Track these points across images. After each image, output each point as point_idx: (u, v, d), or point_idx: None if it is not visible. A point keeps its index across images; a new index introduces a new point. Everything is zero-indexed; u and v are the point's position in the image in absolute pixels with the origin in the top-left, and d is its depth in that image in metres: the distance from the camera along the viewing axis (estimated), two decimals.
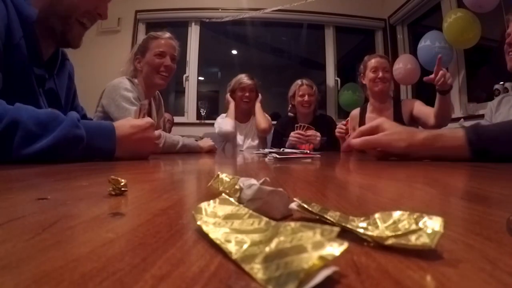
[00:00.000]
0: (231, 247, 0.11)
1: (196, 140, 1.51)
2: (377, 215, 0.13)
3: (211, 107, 3.24)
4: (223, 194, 0.17)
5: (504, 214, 0.16)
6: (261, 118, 2.05)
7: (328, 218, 0.14)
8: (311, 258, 0.09)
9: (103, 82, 1.27)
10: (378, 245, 0.12)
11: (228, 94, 2.08)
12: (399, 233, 0.12)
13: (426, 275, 0.09)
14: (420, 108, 1.58)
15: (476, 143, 0.57)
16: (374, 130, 0.69)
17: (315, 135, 1.81)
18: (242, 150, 1.85)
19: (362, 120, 1.76)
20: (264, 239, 0.11)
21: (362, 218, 0.14)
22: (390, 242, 0.12)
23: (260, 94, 2.11)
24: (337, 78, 3.38)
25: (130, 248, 0.12)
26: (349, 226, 0.13)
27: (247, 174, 0.45)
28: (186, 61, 3.28)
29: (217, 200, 0.15)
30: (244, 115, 2.08)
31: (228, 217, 0.14)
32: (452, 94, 2.71)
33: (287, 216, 0.17)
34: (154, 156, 0.81)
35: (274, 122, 2.17)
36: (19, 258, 0.10)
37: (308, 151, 1.00)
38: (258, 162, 0.74)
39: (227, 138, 2.01)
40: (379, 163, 0.68)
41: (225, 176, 0.24)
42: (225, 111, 2.13)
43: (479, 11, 2.10)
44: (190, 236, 0.13)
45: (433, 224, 0.12)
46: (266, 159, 0.81)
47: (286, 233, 0.10)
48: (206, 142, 1.42)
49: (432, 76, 1.26)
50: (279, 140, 1.99)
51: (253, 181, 0.18)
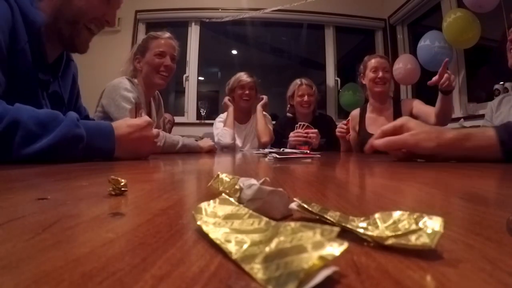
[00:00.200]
0: (231, 247, 0.11)
1: (196, 140, 1.51)
2: (377, 215, 0.13)
3: (211, 107, 3.24)
4: (223, 194, 0.17)
5: (504, 214, 0.16)
6: (262, 129, 1.92)
7: (328, 218, 0.14)
8: (311, 258, 0.09)
9: (103, 82, 1.27)
10: (378, 245, 0.12)
11: (226, 98, 1.98)
12: (399, 233, 0.12)
13: (426, 275, 0.09)
14: (420, 107, 1.59)
15: (508, 143, 0.54)
16: (397, 130, 0.65)
17: (314, 133, 1.77)
18: (242, 150, 1.85)
19: (362, 120, 1.76)
20: (264, 239, 0.11)
21: (362, 218, 0.14)
22: (390, 242, 0.12)
23: (266, 97, 2.01)
24: (337, 78, 3.38)
25: (130, 248, 0.12)
26: (349, 226, 0.13)
27: (247, 174, 0.45)
28: (186, 61, 3.28)
29: (217, 200, 0.15)
30: (244, 115, 1.98)
31: (228, 217, 0.14)
32: (452, 93, 2.70)
33: (287, 216, 0.17)
34: (154, 156, 0.81)
35: (274, 122, 2.14)
36: (19, 258, 0.10)
37: (308, 151, 1.00)
38: (258, 162, 0.74)
39: (227, 148, 1.88)
40: (379, 163, 0.68)
41: (225, 176, 0.24)
42: (224, 112, 2.04)
43: (479, 11, 2.10)
44: (190, 236, 0.13)
45: (433, 224, 0.12)
46: (266, 159, 0.81)
47: (286, 233, 0.10)
48: (206, 142, 1.42)
49: (436, 78, 1.27)
50: (279, 141, 1.94)
51: (253, 181, 0.18)
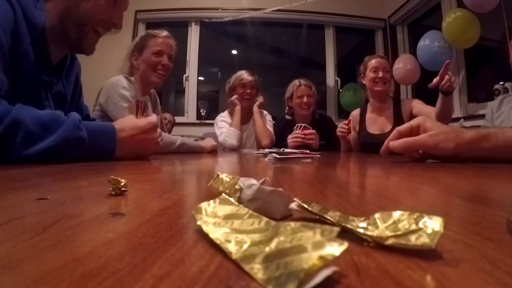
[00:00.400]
0: (231, 247, 0.11)
1: (196, 140, 1.50)
2: (377, 215, 0.13)
3: (211, 107, 3.24)
4: (223, 194, 0.17)
5: (504, 214, 0.16)
6: (261, 132, 1.84)
7: (328, 218, 0.14)
8: (311, 258, 0.09)
9: (103, 82, 1.27)
10: (378, 245, 0.12)
11: (234, 96, 1.89)
12: (399, 233, 0.12)
13: (426, 275, 0.09)
14: (420, 107, 1.59)
15: None
16: (414, 130, 0.63)
17: (312, 133, 1.73)
18: (242, 150, 1.84)
19: (362, 120, 1.76)
20: (264, 239, 0.11)
21: (362, 218, 0.14)
22: (390, 242, 0.12)
23: (262, 97, 1.94)
24: (337, 78, 3.38)
25: (130, 248, 0.12)
26: (349, 226, 0.13)
27: (247, 174, 0.45)
28: (186, 61, 3.29)
29: (217, 200, 0.15)
30: (245, 115, 1.91)
31: (228, 217, 0.14)
32: (452, 94, 2.70)
33: (287, 216, 0.17)
34: (154, 156, 0.81)
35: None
36: (19, 258, 0.10)
37: (308, 151, 1.00)
38: (258, 162, 0.74)
39: (231, 148, 1.82)
40: (379, 163, 0.68)
41: (225, 176, 0.24)
42: (224, 110, 2.01)
43: (479, 11, 2.10)
44: (190, 236, 0.13)
45: (433, 224, 0.12)
46: (266, 159, 0.81)
47: (286, 233, 0.10)
48: (209, 142, 1.40)
49: (437, 80, 1.27)
50: (277, 144, 1.85)
51: (253, 181, 0.18)
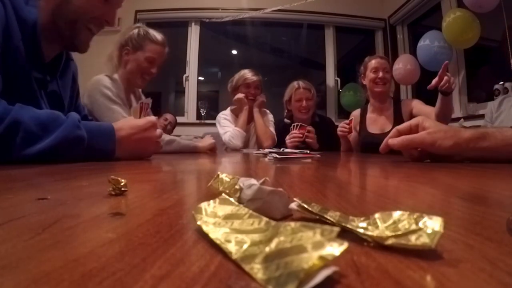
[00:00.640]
0: (231, 247, 0.11)
1: (196, 137, 1.48)
2: (377, 215, 0.13)
3: (211, 107, 3.24)
4: (223, 194, 0.17)
5: (504, 214, 0.16)
6: (262, 133, 1.78)
7: (328, 218, 0.14)
8: (311, 258, 0.09)
9: None
10: (378, 245, 0.12)
11: (241, 94, 1.83)
12: (399, 233, 0.12)
13: (426, 275, 0.09)
14: (420, 107, 1.59)
15: None
16: (413, 129, 0.64)
17: (310, 131, 1.68)
18: (243, 150, 1.84)
19: (362, 120, 1.76)
20: (264, 239, 0.11)
21: (362, 218, 0.14)
22: (390, 242, 0.12)
23: (263, 95, 1.88)
24: (337, 78, 3.38)
25: (130, 248, 0.12)
26: (349, 226, 0.13)
27: (247, 174, 0.45)
28: (186, 61, 3.29)
29: (217, 200, 0.15)
30: (248, 115, 1.85)
31: (228, 217, 0.14)
32: (452, 94, 2.70)
33: (287, 216, 0.17)
34: (155, 156, 0.81)
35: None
36: (19, 258, 0.10)
37: (308, 151, 1.00)
38: (258, 162, 0.74)
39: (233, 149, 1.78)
40: (379, 163, 0.68)
41: (225, 176, 0.24)
42: (225, 108, 1.97)
43: (479, 11, 2.10)
44: (190, 236, 0.13)
45: (433, 224, 0.12)
46: (266, 159, 0.81)
47: (286, 233, 0.10)
48: (206, 141, 1.36)
49: (436, 81, 1.28)
50: (276, 146, 1.80)
51: (253, 181, 0.18)
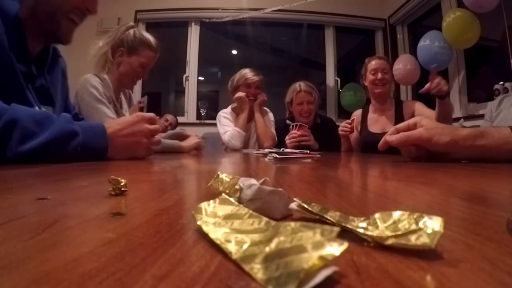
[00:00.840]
0: (231, 247, 0.11)
1: (181, 129, 1.46)
2: (377, 215, 0.13)
3: (211, 107, 3.24)
4: (223, 194, 0.17)
5: (504, 214, 0.16)
6: (263, 134, 1.77)
7: (328, 218, 0.14)
8: (311, 258, 0.09)
9: None
10: (378, 245, 0.12)
11: (243, 94, 1.80)
12: (399, 233, 0.12)
13: (426, 275, 0.09)
14: (422, 110, 1.59)
15: None
16: (411, 128, 0.64)
17: (306, 135, 1.67)
18: (243, 150, 1.84)
19: (364, 120, 1.76)
20: (264, 239, 0.11)
21: (362, 218, 0.14)
22: (390, 242, 0.12)
23: (264, 94, 1.86)
24: (337, 78, 3.38)
25: (130, 248, 0.12)
26: (349, 226, 0.13)
27: (247, 174, 0.45)
28: (186, 61, 3.29)
29: (217, 200, 0.15)
30: (248, 114, 1.84)
31: (228, 217, 0.14)
32: (452, 94, 2.69)
33: (287, 216, 0.17)
34: (154, 156, 0.81)
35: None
36: (19, 258, 0.10)
37: (308, 151, 1.00)
38: (258, 162, 0.74)
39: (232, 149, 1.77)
40: (379, 163, 0.68)
41: (225, 176, 0.24)
42: (225, 107, 1.95)
43: (479, 11, 2.10)
44: (190, 236, 0.13)
45: (433, 224, 0.12)
46: (266, 159, 0.81)
47: (286, 233, 0.10)
48: (191, 140, 1.32)
49: (427, 86, 1.32)
50: (277, 146, 1.79)
51: (253, 181, 0.18)
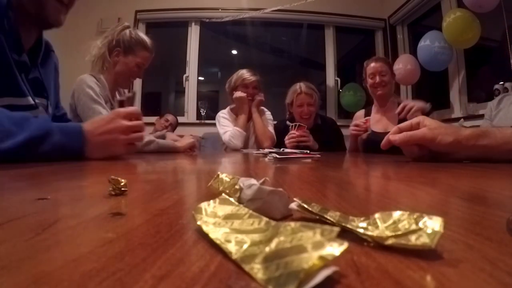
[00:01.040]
0: (231, 247, 0.11)
1: (164, 134, 1.47)
2: (377, 215, 0.13)
3: (211, 107, 3.24)
4: (223, 194, 0.17)
5: (504, 214, 0.16)
6: (262, 133, 1.75)
7: (328, 218, 0.14)
8: (311, 258, 0.09)
9: None
10: (378, 245, 0.12)
11: (243, 93, 1.78)
12: (399, 233, 0.12)
13: (426, 275, 0.09)
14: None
15: None
16: (414, 127, 0.64)
17: (305, 135, 1.65)
18: (243, 150, 1.83)
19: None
20: (264, 239, 0.11)
21: (362, 218, 0.14)
22: (390, 242, 0.12)
23: (261, 94, 1.84)
24: (337, 78, 3.38)
25: (130, 248, 0.12)
26: (349, 226, 0.13)
27: (247, 174, 0.45)
28: (186, 61, 3.29)
29: (217, 200, 0.15)
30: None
31: (228, 217, 0.14)
32: (452, 94, 2.69)
33: (287, 216, 0.17)
34: (154, 156, 0.80)
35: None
36: (19, 258, 0.10)
37: (308, 151, 1.00)
38: (258, 162, 0.74)
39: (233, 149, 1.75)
40: (379, 164, 0.68)
41: (225, 176, 0.24)
42: (225, 107, 1.94)
43: (479, 11, 2.10)
44: (190, 236, 0.13)
45: (433, 224, 0.12)
46: (266, 159, 0.81)
47: (286, 233, 0.10)
48: (185, 140, 1.32)
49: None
50: (277, 147, 1.76)
51: (253, 181, 0.18)
